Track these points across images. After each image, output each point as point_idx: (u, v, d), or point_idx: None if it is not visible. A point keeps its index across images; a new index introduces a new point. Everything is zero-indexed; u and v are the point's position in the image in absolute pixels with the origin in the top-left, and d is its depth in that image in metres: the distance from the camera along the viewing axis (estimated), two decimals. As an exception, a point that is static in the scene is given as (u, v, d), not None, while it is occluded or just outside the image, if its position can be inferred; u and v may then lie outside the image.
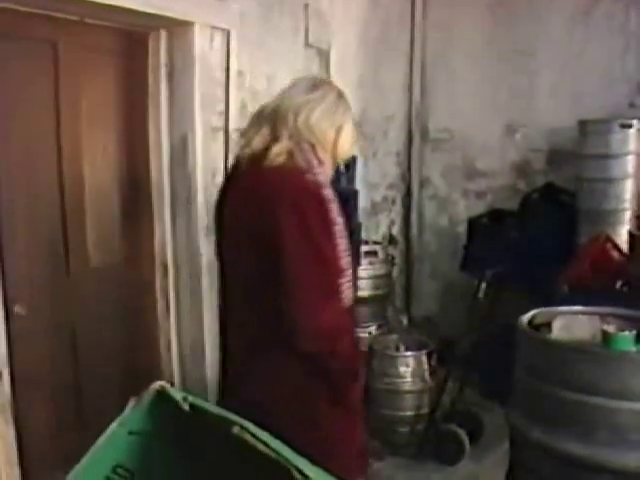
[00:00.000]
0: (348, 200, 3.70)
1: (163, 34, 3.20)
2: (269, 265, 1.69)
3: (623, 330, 1.63)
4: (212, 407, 1.01)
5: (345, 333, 1.78)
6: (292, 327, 1.66)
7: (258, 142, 1.79)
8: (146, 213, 3.31)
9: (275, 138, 1.77)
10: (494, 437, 3.31)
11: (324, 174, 1.78)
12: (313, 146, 1.79)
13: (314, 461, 1.67)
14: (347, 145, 1.90)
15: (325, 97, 1.82)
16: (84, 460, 1.01)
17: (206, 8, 3.16)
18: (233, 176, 1.94)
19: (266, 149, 1.76)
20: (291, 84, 1.88)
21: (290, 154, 1.74)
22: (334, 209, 1.72)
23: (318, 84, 1.87)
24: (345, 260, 1.71)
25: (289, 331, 1.67)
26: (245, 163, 1.82)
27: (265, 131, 1.79)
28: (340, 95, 1.88)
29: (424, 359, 3.47)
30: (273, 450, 0.93)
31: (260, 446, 0.93)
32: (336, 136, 1.84)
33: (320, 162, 1.78)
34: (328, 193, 1.72)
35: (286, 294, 1.66)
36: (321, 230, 1.68)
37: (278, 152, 1.73)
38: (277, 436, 1.67)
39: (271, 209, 1.68)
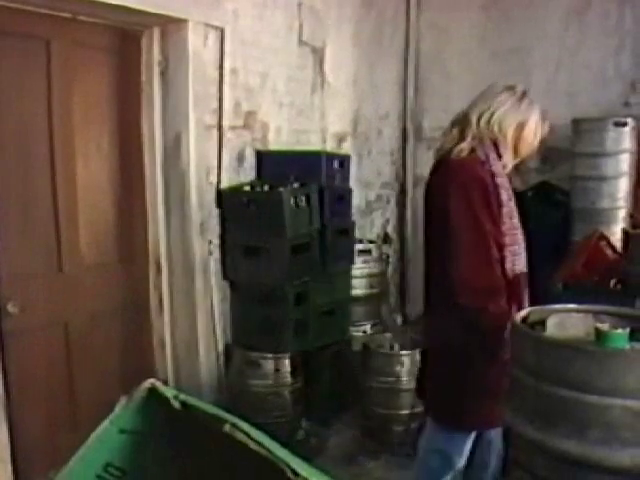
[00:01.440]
0: (342, 198, 3.71)
1: (156, 32, 3.18)
2: (438, 234, 2.14)
3: (617, 328, 1.63)
4: (204, 405, 1.00)
5: (496, 295, 2.10)
6: (451, 283, 2.07)
7: (448, 142, 2.20)
8: (139, 211, 3.29)
9: (462, 138, 2.15)
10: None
11: (501, 166, 2.15)
12: (495, 143, 2.15)
13: (463, 399, 2.15)
14: (529, 140, 2.20)
15: (505, 101, 2.15)
16: (75, 459, 1.01)
17: (200, 6, 3.15)
18: (434, 171, 2.32)
19: (454, 147, 2.15)
20: (480, 92, 2.23)
21: (473, 150, 2.13)
22: (504, 194, 2.12)
23: (501, 91, 2.18)
24: (509, 237, 2.13)
25: (450, 287, 2.07)
26: (438, 159, 2.24)
27: (455, 132, 2.19)
28: (521, 98, 2.17)
29: (418, 358, 3.46)
30: (266, 449, 0.92)
31: (252, 444, 0.92)
32: (516, 133, 2.16)
33: (499, 156, 2.15)
34: (500, 181, 2.12)
35: (448, 257, 2.08)
36: (482, 209, 2.06)
37: (461, 148, 2.13)
38: (437, 370, 2.26)
39: (444, 188, 2.12)
